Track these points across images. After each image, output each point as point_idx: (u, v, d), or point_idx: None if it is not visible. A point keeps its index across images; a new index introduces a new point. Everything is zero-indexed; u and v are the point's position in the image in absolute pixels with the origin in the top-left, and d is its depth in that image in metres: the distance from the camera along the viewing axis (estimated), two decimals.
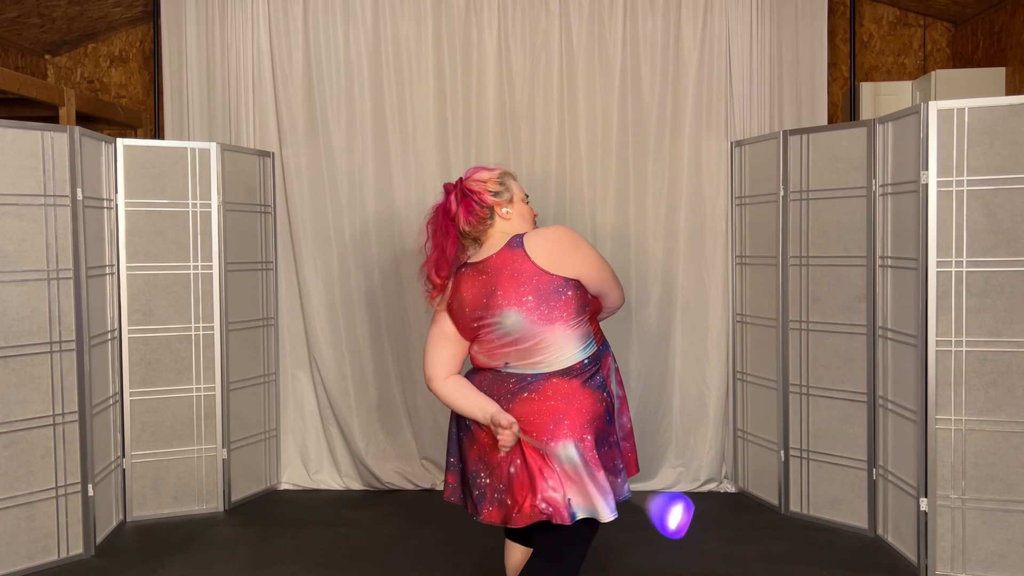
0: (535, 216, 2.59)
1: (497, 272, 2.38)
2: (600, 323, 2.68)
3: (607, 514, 2.30)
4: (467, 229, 2.46)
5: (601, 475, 2.32)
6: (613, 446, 2.43)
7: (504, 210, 2.48)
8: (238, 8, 4.45)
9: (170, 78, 4.50)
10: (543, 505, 2.29)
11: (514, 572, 2.61)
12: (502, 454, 2.34)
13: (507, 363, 2.41)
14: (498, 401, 2.37)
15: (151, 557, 3.55)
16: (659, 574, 3.35)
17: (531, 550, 2.51)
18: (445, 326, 2.48)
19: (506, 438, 2.29)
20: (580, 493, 2.29)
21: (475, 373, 2.50)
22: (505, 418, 2.29)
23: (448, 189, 2.52)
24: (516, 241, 2.40)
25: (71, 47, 5.24)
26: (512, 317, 2.35)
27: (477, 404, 2.38)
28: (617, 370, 2.66)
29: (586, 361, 2.41)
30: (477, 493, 2.43)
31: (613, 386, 2.57)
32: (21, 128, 3.36)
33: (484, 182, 2.49)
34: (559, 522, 2.29)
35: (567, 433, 2.31)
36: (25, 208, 3.37)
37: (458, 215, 2.46)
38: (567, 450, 2.30)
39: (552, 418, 2.32)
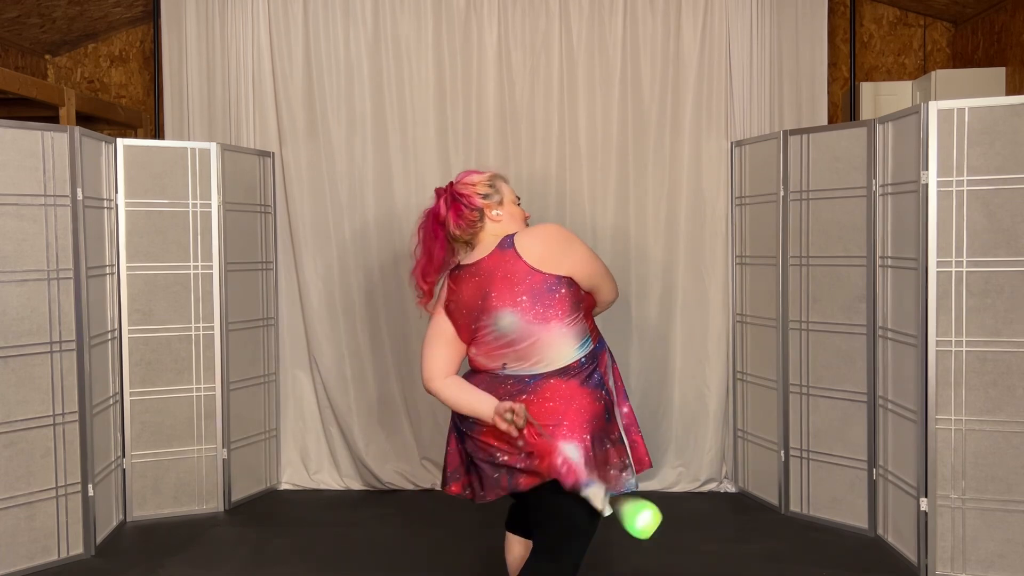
0: (527, 218, 2.58)
1: (490, 274, 2.38)
2: (596, 321, 2.67)
3: (601, 501, 2.27)
4: (457, 233, 2.45)
5: (596, 476, 2.31)
6: (616, 443, 2.42)
7: (494, 212, 2.47)
8: (238, 8, 4.45)
9: (170, 78, 4.50)
10: (559, 460, 2.25)
11: (515, 565, 2.61)
12: (519, 443, 2.31)
13: (505, 364, 2.41)
14: None
15: (151, 557, 3.55)
16: (659, 574, 3.35)
17: (531, 542, 2.50)
18: (442, 326, 2.47)
19: (507, 424, 2.27)
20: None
21: (472, 375, 2.49)
22: (504, 405, 2.27)
23: (439, 193, 2.51)
24: (507, 242, 2.40)
25: (71, 47, 5.24)
26: (507, 318, 2.35)
27: (478, 401, 2.37)
28: (615, 365, 2.65)
29: (583, 359, 2.41)
30: (495, 476, 2.38)
31: (610, 381, 2.56)
32: (21, 128, 3.36)
33: (473, 185, 2.48)
34: (571, 483, 2.25)
35: (566, 435, 2.31)
36: (25, 208, 3.37)
37: (448, 219, 2.45)
38: (566, 452, 2.30)
39: (551, 419, 2.32)
